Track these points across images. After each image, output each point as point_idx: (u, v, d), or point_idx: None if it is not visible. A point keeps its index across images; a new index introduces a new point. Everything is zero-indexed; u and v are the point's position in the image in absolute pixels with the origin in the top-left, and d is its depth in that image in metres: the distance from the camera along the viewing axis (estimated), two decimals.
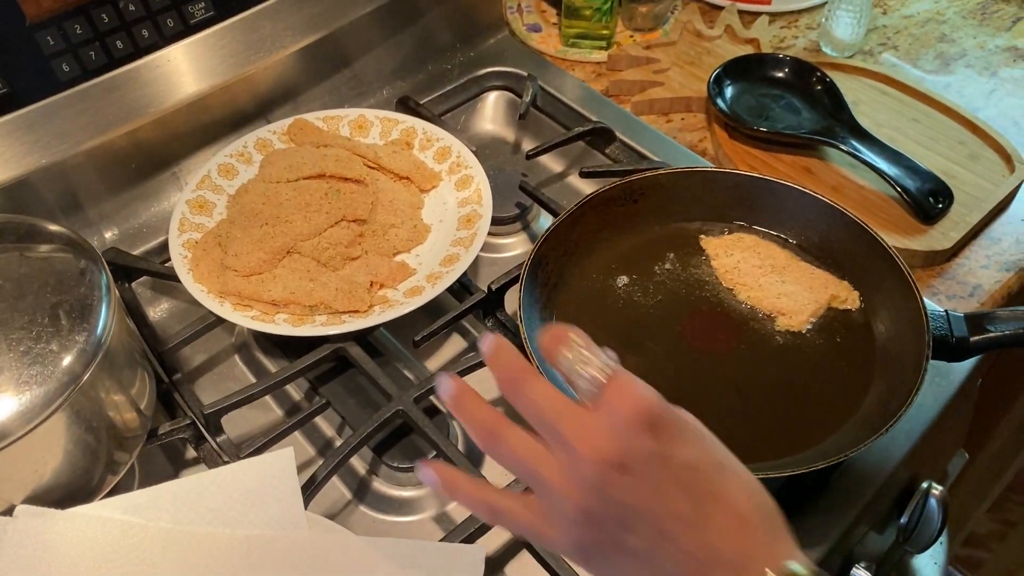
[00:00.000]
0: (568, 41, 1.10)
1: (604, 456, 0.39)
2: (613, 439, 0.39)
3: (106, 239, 0.86)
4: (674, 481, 0.39)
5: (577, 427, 0.40)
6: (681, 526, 0.39)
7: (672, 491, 0.39)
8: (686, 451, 0.40)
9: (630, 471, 0.39)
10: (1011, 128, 1.00)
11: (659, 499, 0.39)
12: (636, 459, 0.39)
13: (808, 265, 0.77)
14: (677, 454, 0.39)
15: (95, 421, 0.62)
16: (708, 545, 0.39)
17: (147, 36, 0.76)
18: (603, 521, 0.40)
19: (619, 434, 0.39)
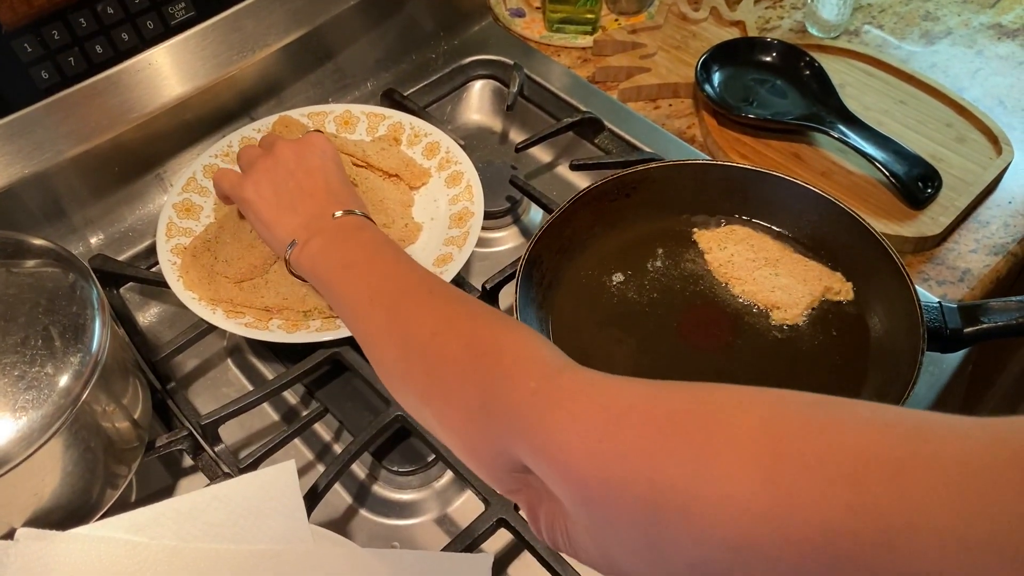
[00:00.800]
0: (552, 26, 1.09)
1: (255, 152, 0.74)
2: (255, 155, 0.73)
3: (92, 245, 0.85)
4: (277, 172, 0.71)
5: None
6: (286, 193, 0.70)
7: (280, 173, 0.71)
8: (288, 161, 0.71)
9: (261, 163, 0.72)
10: (997, 108, 1.00)
11: (275, 175, 0.71)
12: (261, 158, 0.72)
13: (801, 257, 0.77)
14: (282, 162, 0.71)
15: (93, 439, 0.62)
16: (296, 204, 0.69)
17: (127, 40, 0.74)
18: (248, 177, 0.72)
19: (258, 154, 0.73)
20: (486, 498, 0.65)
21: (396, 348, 0.53)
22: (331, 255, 0.64)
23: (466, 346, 0.48)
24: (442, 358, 0.48)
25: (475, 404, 0.45)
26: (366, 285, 0.59)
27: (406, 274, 0.58)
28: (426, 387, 0.49)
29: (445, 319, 0.51)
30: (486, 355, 0.46)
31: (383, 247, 0.63)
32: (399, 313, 0.54)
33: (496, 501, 0.65)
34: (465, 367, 0.46)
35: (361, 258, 0.62)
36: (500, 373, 0.44)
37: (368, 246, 0.63)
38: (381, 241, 0.64)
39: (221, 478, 0.69)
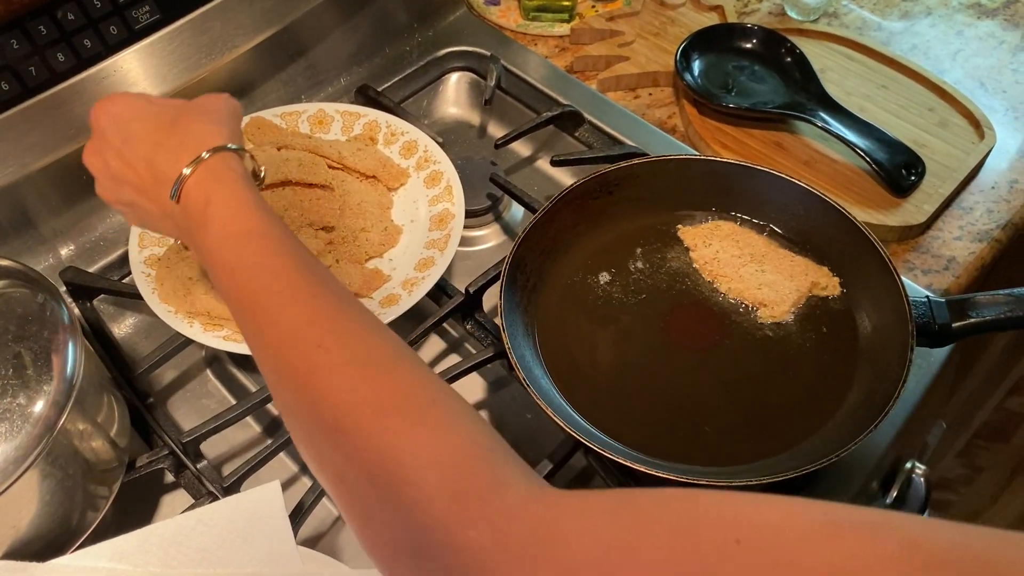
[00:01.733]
0: (528, 15, 1.06)
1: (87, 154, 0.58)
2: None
3: (62, 256, 0.83)
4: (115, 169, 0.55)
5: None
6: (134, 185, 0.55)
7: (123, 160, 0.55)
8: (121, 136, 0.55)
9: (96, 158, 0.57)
10: (978, 90, 0.99)
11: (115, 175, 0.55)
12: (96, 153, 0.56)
13: (787, 252, 0.76)
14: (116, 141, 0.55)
15: (71, 465, 0.60)
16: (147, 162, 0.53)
17: (90, 46, 0.72)
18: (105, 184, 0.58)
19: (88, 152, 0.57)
20: None
21: (300, 427, 0.45)
22: (203, 265, 0.53)
23: (381, 460, 0.39)
24: (355, 470, 0.40)
25: (403, 544, 0.39)
26: (244, 323, 0.48)
27: (277, 309, 0.46)
28: (342, 494, 0.42)
29: (347, 408, 0.42)
30: (408, 484, 0.38)
31: (237, 253, 0.49)
32: (288, 384, 0.45)
33: None
34: (386, 495, 0.39)
35: (224, 279, 0.49)
36: (432, 516, 0.37)
37: (221, 254, 0.49)
38: (234, 239, 0.49)
39: (205, 496, 0.67)
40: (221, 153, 0.51)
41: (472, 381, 0.77)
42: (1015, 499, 1.36)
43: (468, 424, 0.41)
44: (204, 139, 0.51)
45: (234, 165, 0.51)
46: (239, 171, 0.51)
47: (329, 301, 0.46)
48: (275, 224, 0.49)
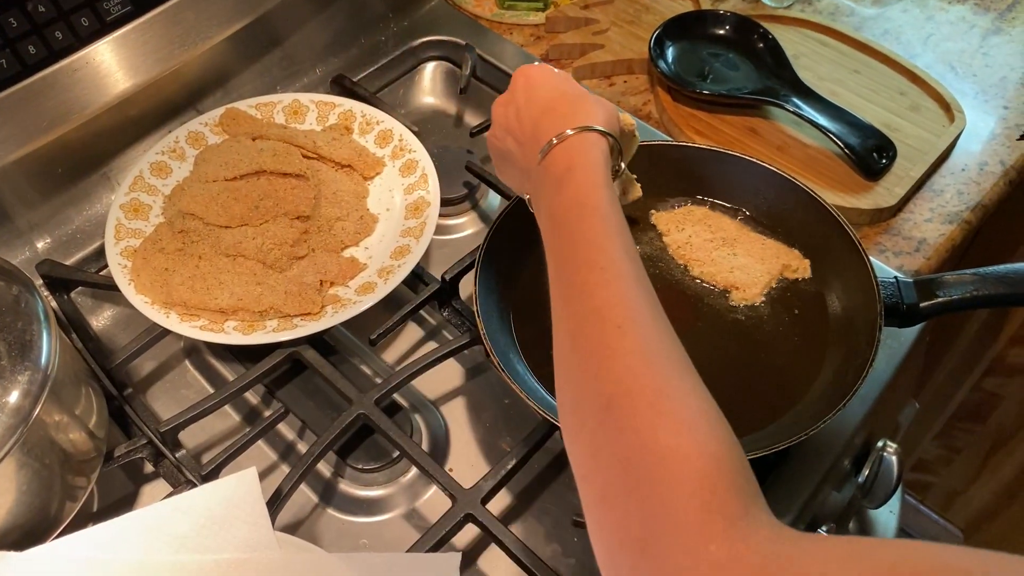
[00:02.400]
0: (503, 3, 1.07)
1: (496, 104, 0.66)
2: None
3: (38, 249, 0.83)
4: (509, 118, 0.63)
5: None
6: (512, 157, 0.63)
7: (519, 115, 0.61)
8: (527, 96, 0.61)
9: (501, 108, 0.64)
10: (948, 74, 1.00)
11: (506, 124, 0.63)
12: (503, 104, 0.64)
13: (759, 235, 0.77)
14: (521, 99, 0.62)
15: (47, 455, 0.60)
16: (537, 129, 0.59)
17: (61, 38, 0.72)
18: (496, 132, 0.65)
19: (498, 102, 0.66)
20: (452, 494, 0.65)
21: (571, 396, 0.47)
22: (542, 226, 0.56)
23: (642, 447, 0.40)
24: (611, 448, 0.41)
25: (638, 534, 0.39)
26: (559, 286, 0.51)
27: (596, 286, 0.48)
28: (590, 467, 0.43)
29: (625, 391, 0.43)
30: (663, 480, 0.39)
31: (580, 223, 0.52)
32: (578, 354, 0.47)
33: (462, 497, 0.65)
34: (635, 479, 0.40)
35: (559, 241, 0.53)
36: (675, 515, 0.38)
37: (567, 218, 0.53)
38: (584, 209, 0.52)
39: (183, 484, 0.68)
40: (594, 134, 0.55)
41: (450, 367, 0.78)
42: (992, 479, 1.38)
43: (732, 445, 0.41)
44: (586, 117, 0.56)
45: (602, 147, 0.55)
46: (603, 154, 0.55)
47: (640, 293, 0.48)
48: (618, 212, 0.52)
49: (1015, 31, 1.05)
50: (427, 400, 0.76)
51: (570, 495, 0.71)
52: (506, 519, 0.69)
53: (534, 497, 0.71)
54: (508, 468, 0.66)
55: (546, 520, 0.70)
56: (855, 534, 0.88)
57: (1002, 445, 1.32)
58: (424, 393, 0.77)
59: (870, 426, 0.75)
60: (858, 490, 0.78)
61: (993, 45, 1.03)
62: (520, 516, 0.70)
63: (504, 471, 0.66)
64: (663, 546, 0.38)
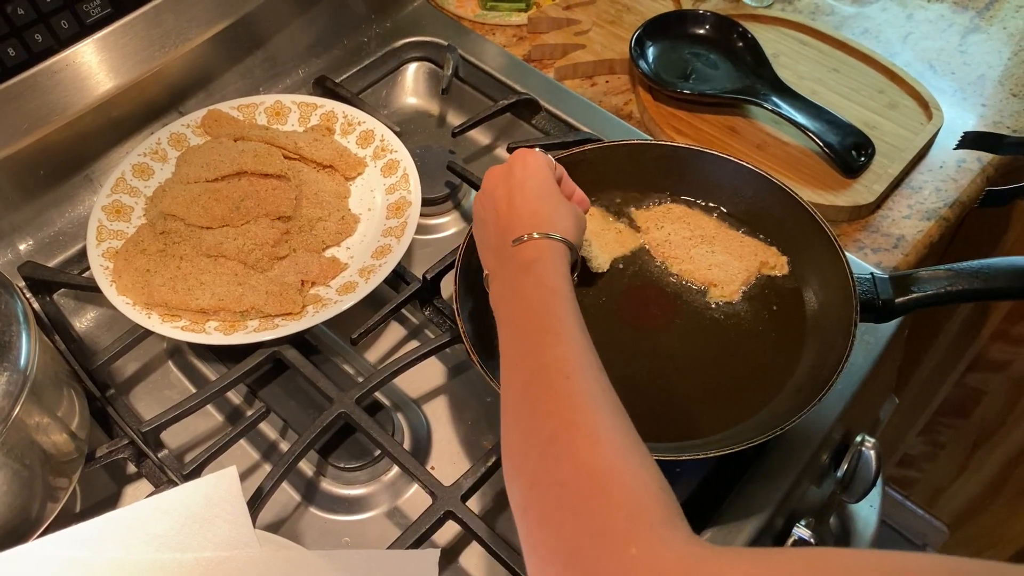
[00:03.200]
0: (486, 4, 1.07)
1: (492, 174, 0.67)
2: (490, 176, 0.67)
3: (20, 251, 0.83)
4: (497, 197, 0.65)
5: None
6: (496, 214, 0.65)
7: (509, 198, 0.64)
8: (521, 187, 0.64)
9: (496, 180, 0.66)
10: (927, 72, 1.01)
11: (492, 201, 0.65)
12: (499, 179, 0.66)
13: (737, 233, 0.78)
14: (515, 185, 0.65)
15: (28, 456, 0.61)
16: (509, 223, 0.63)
17: (41, 41, 0.72)
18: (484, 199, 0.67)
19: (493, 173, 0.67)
20: (432, 492, 0.65)
21: (518, 435, 0.51)
22: (498, 298, 0.61)
23: (578, 471, 0.45)
24: (551, 476, 0.46)
25: (568, 546, 0.43)
26: (514, 346, 0.56)
27: (550, 345, 0.53)
28: (529, 496, 0.47)
29: (567, 424, 0.48)
30: (594, 495, 0.43)
31: (541, 298, 0.57)
32: (528, 398, 0.51)
33: (442, 494, 0.65)
34: (570, 499, 0.44)
35: (519, 310, 0.58)
36: (602, 524, 0.42)
37: (528, 293, 0.58)
38: (544, 289, 0.58)
39: (165, 484, 0.68)
40: (564, 245, 0.61)
41: (432, 366, 0.78)
42: (977, 474, 1.39)
43: (660, 477, 0.46)
44: (560, 226, 0.62)
45: (565, 252, 0.62)
46: (565, 256, 0.62)
47: (588, 354, 0.53)
48: (574, 298, 0.58)
49: (993, 29, 1.06)
50: (409, 399, 0.77)
51: None
52: (487, 516, 0.70)
53: None
54: (488, 465, 0.67)
55: None
56: (836, 529, 0.89)
57: (986, 440, 1.32)
58: (406, 392, 0.77)
59: (848, 421, 0.76)
60: (837, 485, 0.79)
61: (971, 43, 1.04)
62: (501, 513, 0.70)
63: (484, 468, 0.67)
64: (591, 553, 0.41)
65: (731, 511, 0.67)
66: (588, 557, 0.41)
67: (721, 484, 0.70)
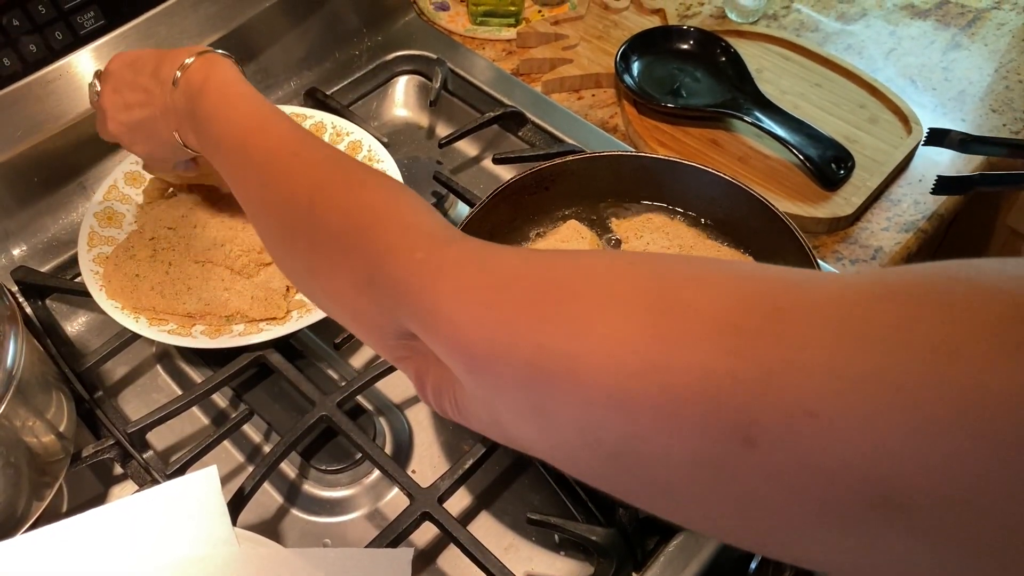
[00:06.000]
0: (476, 19, 1.09)
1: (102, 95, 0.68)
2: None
3: (14, 256, 0.85)
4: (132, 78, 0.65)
5: None
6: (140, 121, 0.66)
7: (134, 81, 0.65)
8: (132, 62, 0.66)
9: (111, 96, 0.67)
10: (909, 87, 1.03)
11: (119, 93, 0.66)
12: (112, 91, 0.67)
13: (715, 243, 0.79)
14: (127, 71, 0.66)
15: (13, 455, 0.62)
16: None
17: (35, 51, 0.74)
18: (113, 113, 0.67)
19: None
20: (410, 493, 0.67)
21: (276, 221, 0.51)
22: (189, 125, 0.60)
23: (346, 217, 0.46)
24: (324, 232, 0.46)
25: (362, 278, 0.44)
26: (233, 153, 0.55)
27: (268, 128, 0.53)
28: (310, 262, 0.48)
29: (320, 187, 0.48)
30: (370, 228, 0.45)
31: (235, 96, 0.57)
32: (270, 184, 0.51)
33: (420, 496, 0.66)
34: (349, 241, 0.45)
35: (221, 116, 0.57)
36: (385, 246, 0.43)
37: (222, 100, 0.57)
38: (232, 89, 0.58)
39: (150, 484, 0.69)
40: (215, 55, 0.60)
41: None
42: None
43: (415, 195, 0.47)
44: (193, 50, 0.60)
45: (229, 63, 0.60)
46: (233, 66, 0.60)
47: (307, 136, 0.53)
48: (262, 98, 0.57)
49: (975, 46, 1.08)
50: (392, 403, 0.78)
51: (530, 495, 0.73)
52: (465, 518, 0.71)
53: (495, 497, 0.73)
54: (466, 468, 0.68)
55: (505, 519, 0.71)
56: None
57: None
58: (389, 396, 0.78)
59: None
60: None
61: (953, 60, 1.06)
62: (479, 515, 0.72)
63: (462, 471, 0.68)
64: (384, 274, 0.42)
65: None
66: (385, 275, 0.42)
67: None
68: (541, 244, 0.79)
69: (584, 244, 0.78)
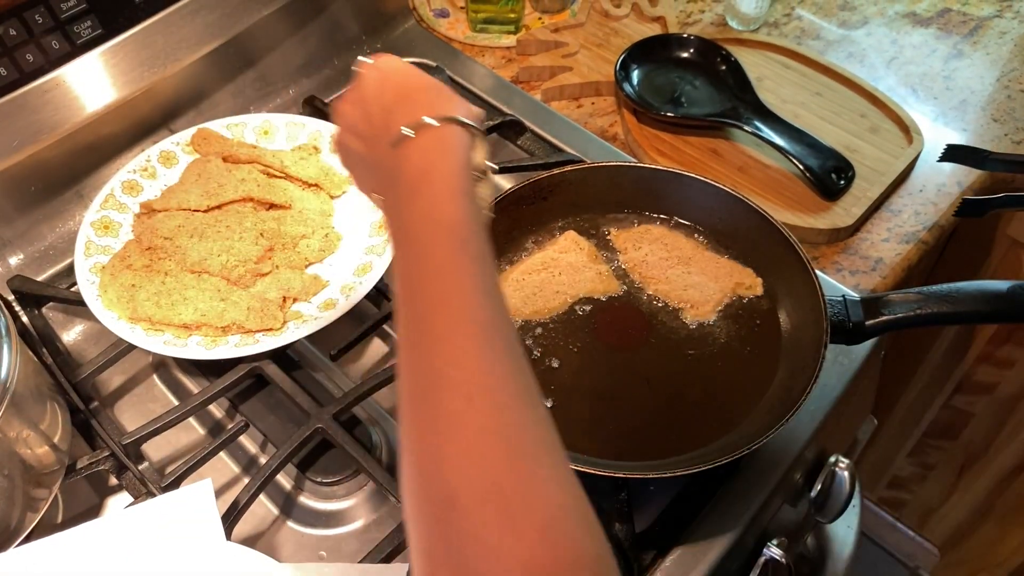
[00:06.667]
0: (476, 26, 1.09)
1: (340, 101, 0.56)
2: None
3: (11, 265, 0.84)
4: (365, 104, 0.53)
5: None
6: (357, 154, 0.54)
7: (366, 109, 0.53)
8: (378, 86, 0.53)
9: (347, 106, 0.55)
10: (910, 96, 1.02)
11: (354, 115, 0.54)
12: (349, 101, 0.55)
13: (713, 254, 0.79)
14: (370, 90, 0.53)
15: (7, 467, 0.62)
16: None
17: (32, 60, 0.74)
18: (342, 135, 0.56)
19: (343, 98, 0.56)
20: None
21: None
22: (391, 235, 0.48)
23: (481, 558, 0.35)
24: (448, 562, 0.36)
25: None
26: (405, 316, 0.43)
27: (442, 336, 0.41)
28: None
29: (469, 483, 0.36)
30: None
31: (433, 243, 0.44)
32: (423, 419, 0.40)
33: None
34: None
35: (409, 260, 0.45)
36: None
37: (419, 236, 0.45)
38: (435, 227, 0.45)
39: (145, 496, 0.69)
40: (456, 127, 0.48)
41: None
42: (966, 495, 1.39)
43: (597, 544, 0.37)
44: (447, 107, 0.49)
45: (464, 145, 0.48)
46: (465, 154, 0.48)
47: (498, 348, 0.41)
48: (479, 233, 0.45)
49: (977, 55, 1.07)
50: (388, 414, 0.78)
51: None
52: None
53: None
54: None
55: None
56: (813, 548, 0.89)
57: (974, 462, 1.33)
58: (385, 407, 0.78)
59: (823, 441, 0.77)
60: (811, 505, 0.79)
61: (954, 68, 1.05)
62: None
63: None
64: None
65: (702, 529, 0.68)
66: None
67: (694, 502, 0.70)
68: (539, 255, 0.79)
69: (582, 255, 0.78)
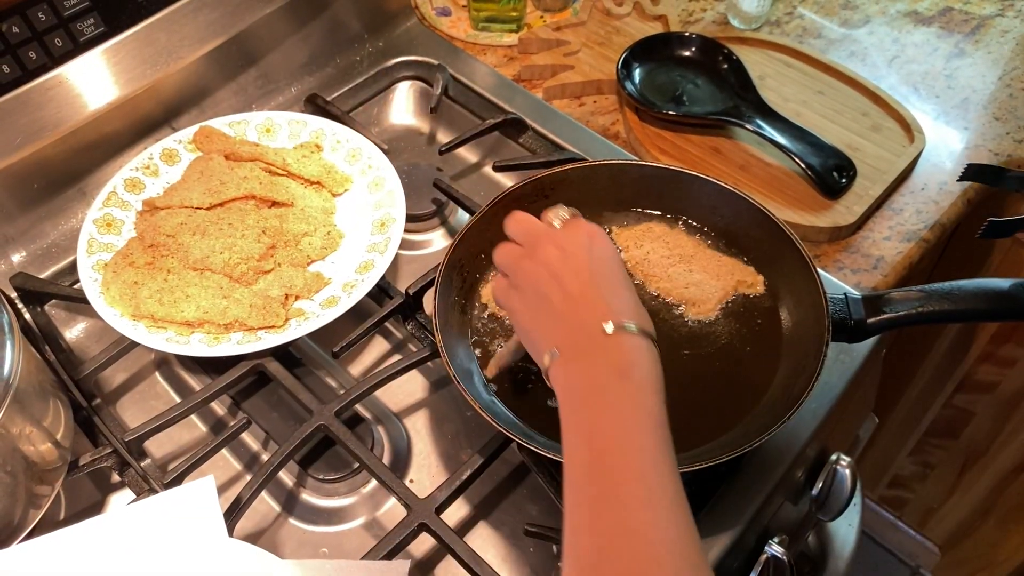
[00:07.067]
0: (478, 25, 1.09)
1: (516, 253, 0.63)
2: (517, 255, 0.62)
3: (14, 262, 0.85)
4: (540, 278, 0.59)
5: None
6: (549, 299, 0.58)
7: (546, 276, 0.58)
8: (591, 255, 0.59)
9: (523, 269, 0.60)
10: (912, 95, 1.02)
11: (538, 280, 0.59)
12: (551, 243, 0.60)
13: (715, 252, 0.79)
14: (583, 253, 0.59)
15: (10, 463, 0.62)
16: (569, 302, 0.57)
17: (35, 58, 0.74)
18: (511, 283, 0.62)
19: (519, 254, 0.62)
20: (408, 504, 0.67)
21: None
22: (574, 390, 0.54)
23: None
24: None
25: None
26: (591, 473, 0.49)
27: (639, 504, 0.46)
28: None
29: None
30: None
31: (637, 424, 0.50)
32: (611, 571, 0.44)
33: (417, 507, 0.66)
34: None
35: (605, 425, 0.50)
36: None
37: (623, 410, 0.51)
38: (642, 413, 0.51)
39: (147, 493, 0.69)
40: (650, 341, 0.55)
41: (413, 380, 0.79)
42: (967, 495, 1.39)
43: None
44: (645, 320, 0.56)
45: (656, 357, 0.55)
46: (659, 364, 0.54)
47: (684, 522, 0.46)
48: (670, 443, 0.51)
49: (979, 54, 1.07)
50: (390, 412, 0.78)
51: (527, 505, 0.72)
52: (463, 529, 0.71)
53: (492, 508, 0.72)
54: (463, 479, 0.68)
55: (503, 530, 0.71)
56: (814, 546, 0.90)
57: (975, 461, 1.33)
58: (387, 405, 0.78)
59: (823, 439, 0.77)
60: (813, 503, 0.79)
61: (956, 67, 1.05)
62: (477, 525, 0.71)
63: (459, 482, 0.68)
64: None
65: (703, 527, 0.68)
66: None
67: (695, 500, 0.70)
68: None
69: None
